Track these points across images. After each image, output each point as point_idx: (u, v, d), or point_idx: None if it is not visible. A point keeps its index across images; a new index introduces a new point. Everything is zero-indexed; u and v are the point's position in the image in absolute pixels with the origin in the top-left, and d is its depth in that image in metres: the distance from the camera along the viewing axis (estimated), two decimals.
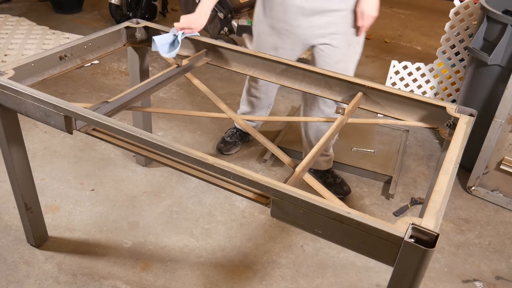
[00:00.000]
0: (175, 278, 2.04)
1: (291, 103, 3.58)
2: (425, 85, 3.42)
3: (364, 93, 1.84)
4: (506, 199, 2.62)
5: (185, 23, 1.98)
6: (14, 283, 1.95)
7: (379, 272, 2.15)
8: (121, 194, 2.51)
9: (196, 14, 2.02)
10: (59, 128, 1.60)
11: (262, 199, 1.38)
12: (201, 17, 2.02)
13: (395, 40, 5.15)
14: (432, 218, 1.16)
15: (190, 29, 2.01)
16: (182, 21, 1.98)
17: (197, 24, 2.01)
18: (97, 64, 3.96)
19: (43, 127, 2.99)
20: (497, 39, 2.47)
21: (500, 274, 2.21)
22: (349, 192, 2.61)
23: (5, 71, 1.69)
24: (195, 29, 2.02)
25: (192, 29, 2.01)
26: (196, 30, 2.02)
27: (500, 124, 2.47)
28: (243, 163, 2.84)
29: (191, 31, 2.02)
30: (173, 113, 2.01)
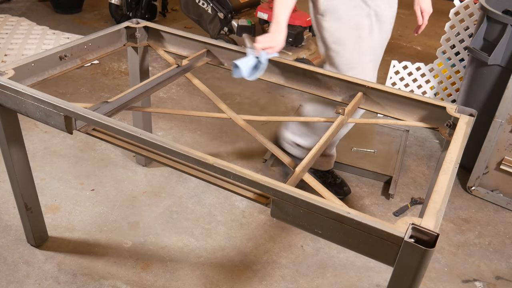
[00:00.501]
0: (175, 278, 2.04)
1: (291, 103, 3.58)
2: (425, 85, 3.42)
3: (364, 93, 1.84)
4: (506, 199, 2.62)
5: (265, 42, 1.81)
6: (14, 283, 1.95)
7: (379, 272, 2.15)
8: (121, 194, 2.51)
9: (274, 32, 1.85)
10: (59, 128, 1.60)
11: (262, 199, 1.38)
12: (280, 34, 1.85)
13: (395, 40, 5.15)
14: (432, 218, 1.16)
15: (271, 47, 1.85)
16: (261, 41, 1.82)
17: (278, 42, 1.84)
18: (97, 64, 3.96)
19: (43, 127, 2.99)
20: (497, 39, 2.47)
21: (500, 274, 2.21)
22: (349, 192, 2.61)
23: (5, 71, 1.69)
24: (276, 47, 1.85)
25: (273, 47, 1.84)
26: (277, 48, 1.85)
27: (500, 124, 2.47)
28: (243, 163, 2.84)
29: (273, 51, 1.86)
30: (173, 113, 2.01)
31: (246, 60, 1.83)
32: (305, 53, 3.84)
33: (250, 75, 1.85)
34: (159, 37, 2.23)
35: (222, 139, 3.07)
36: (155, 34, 2.23)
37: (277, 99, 3.63)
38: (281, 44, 1.85)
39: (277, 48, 1.85)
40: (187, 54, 2.19)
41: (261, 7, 4.00)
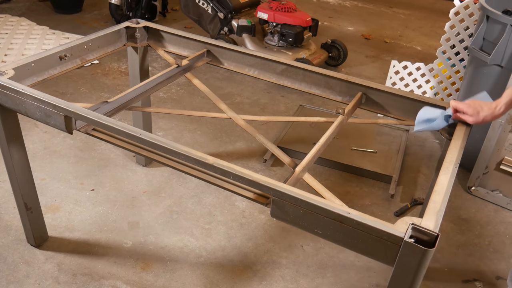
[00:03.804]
0: (175, 278, 2.04)
1: (291, 103, 3.58)
2: (425, 85, 3.42)
3: (364, 93, 1.84)
4: (506, 199, 2.62)
5: (466, 107, 1.53)
6: (14, 283, 1.95)
7: (379, 272, 2.15)
8: (121, 194, 2.51)
9: (490, 106, 1.52)
10: (59, 128, 1.60)
11: (262, 199, 1.38)
12: (491, 109, 1.51)
13: (395, 40, 5.15)
14: (432, 218, 1.16)
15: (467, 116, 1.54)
16: (465, 102, 1.54)
17: (479, 114, 1.52)
18: (97, 64, 3.96)
19: (43, 127, 2.99)
20: (497, 39, 2.47)
21: (500, 274, 2.21)
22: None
23: (5, 71, 1.69)
24: (471, 118, 1.54)
25: (470, 118, 1.54)
26: (473, 120, 1.54)
27: (500, 124, 2.47)
28: (243, 163, 2.84)
29: (466, 119, 1.55)
30: (173, 113, 2.01)
31: (432, 111, 1.62)
32: (305, 53, 3.85)
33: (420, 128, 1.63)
34: (159, 37, 2.23)
35: (222, 139, 3.07)
36: (155, 34, 2.23)
37: (277, 99, 3.63)
38: (479, 121, 1.53)
39: (471, 120, 1.54)
40: (187, 54, 2.19)
41: (261, 7, 4.00)
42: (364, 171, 2.79)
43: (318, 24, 4.19)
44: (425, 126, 1.62)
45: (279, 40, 3.92)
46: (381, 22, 5.70)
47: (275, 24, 3.91)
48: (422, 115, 1.62)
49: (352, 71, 4.26)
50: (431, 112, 1.61)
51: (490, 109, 1.51)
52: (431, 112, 1.61)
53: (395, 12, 6.16)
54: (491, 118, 1.53)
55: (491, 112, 1.51)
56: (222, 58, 2.13)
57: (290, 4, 3.99)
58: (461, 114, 1.56)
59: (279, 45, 3.94)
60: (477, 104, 1.54)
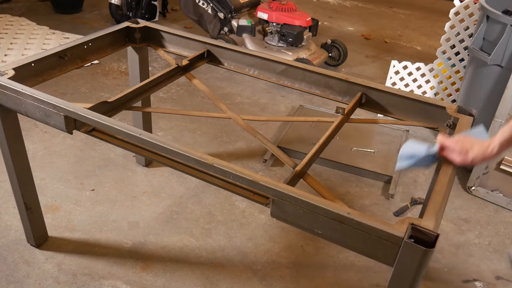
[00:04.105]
0: (175, 278, 2.04)
1: (291, 103, 3.58)
2: (425, 85, 3.42)
3: (364, 93, 1.84)
4: (506, 199, 2.62)
5: (453, 144, 1.33)
6: (14, 283, 1.95)
7: (379, 272, 2.15)
8: (121, 194, 2.51)
9: (482, 144, 1.31)
10: (59, 128, 1.60)
11: (262, 199, 1.38)
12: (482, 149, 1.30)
13: (395, 40, 5.15)
14: (432, 218, 1.16)
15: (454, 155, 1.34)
16: (453, 139, 1.35)
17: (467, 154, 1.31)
18: (97, 64, 3.96)
19: (43, 127, 2.99)
20: (497, 39, 2.47)
21: (500, 274, 2.21)
22: None
23: (5, 71, 1.69)
24: (459, 158, 1.33)
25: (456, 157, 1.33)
26: (460, 161, 1.33)
27: (500, 124, 2.47)
28: (243, 163, 2.84)
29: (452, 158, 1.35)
30: (173, 113, 2.01)
31: (415, 146, 1.42)
32: (305, 53, 3.85)
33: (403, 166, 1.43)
34: (159, 37, 2.23)
35: (222, 139, 3.07)
36: (155, 34, 2.23)
37: (277, 99, 3.63)
38: (468, 161, 1.32)
39: (458, 160, 1.34)
40: (187, 54, 2.19)
41: (261, 7, 4.00)
42: (364, 171, 2.79)
43: (318, 24, 4.19)
44: (408, 164, 1.41)
45: (279, 40, 3.92)
46: (381, 22, 5.70)
47: (275, 24, 3.91)
48: (406, 151, 1.41)
49: (352, 71, 4.26)
50: (416, 147, 1.41)
51: (481, 149, 1.29)
52: (415, 147, 1.41)
53: (395, 12, 6.16)
54: (481, 160, 1.31)
55: (481, 152, 1.29)
56: (222, 58, 2.13)
57: (290, 4, 3.99)
58: (449, 152, 1.35)
59: (279, 45, 3.94)
60: (467, 141, 1.32)
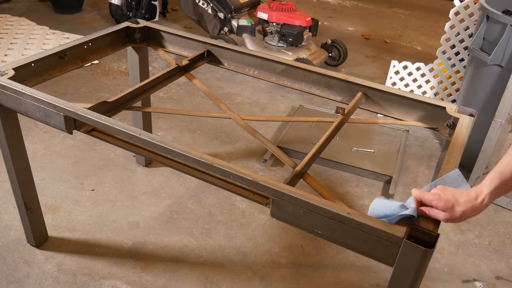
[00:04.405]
0: (175, 278, 2.04)
1: (291, 103, 3.58)
2: (425, 85, 3.42)
3: (364, 93, 1.84)
4: (506, 199, 2.62)
5: (435, 200, 1.11)
6: (14, 283, 1.95)
7: (379, 272, 2.15)
8: (121, 194, 2.51)
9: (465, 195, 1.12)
10: (59, 128, 1.60)
11: (262, 199, 1.38)
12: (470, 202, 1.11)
13: (395, 40, 5.15)
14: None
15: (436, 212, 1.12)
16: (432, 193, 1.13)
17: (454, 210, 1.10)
18: (97, 64, 3.96)
19: (43, 127, 2.99)
20: (497, 39, 2.47)
21: (500, 274, 2.21)
22: None
23: (5, 71, 1.69)
24: (443, 214, 1.11)
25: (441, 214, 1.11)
26: (446, 217, 1.11)
27: (500, 124, 2.47)
28: (243, 163, 2.84)
29: (436, 215, 1.12)
30: (173, 113, 2.01)
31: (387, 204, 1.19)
32: (305, 53, 3.85)
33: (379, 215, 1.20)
34: (159, 37, 2.23)
35: (222, 139, 3.07)
36: (155, 34, 2.23)
37: (277, 99, 3.63)
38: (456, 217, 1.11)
39: (443, 217, 1.12)
40: (187, 54, 2.19)
41: (261, 7, 4.00)
42: (364, 171, 2.79)
43: (318, 24, 4.19)
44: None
45: (279, 40, 3.92)
46: (381, 22, 5.70)
47: (275, 24, 3.91)
48: (375, 212, 1.20)
49: (352, 71, 4.26)
50: (387, 206, 1.19)
51: (469, 202, 1.10)
52: (387, 206, 1.19)
53: (395, 12, 6.16)
54: (471, 214, 1.11)
55: (470, 205, 1.10)
56: (222, 58, 2.13)
57: (290, 4, 3.99)
58: (429, 209, 1.13)
59: (279, 45, 3.94)
60: (450, 194, 1.11)
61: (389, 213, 1.17)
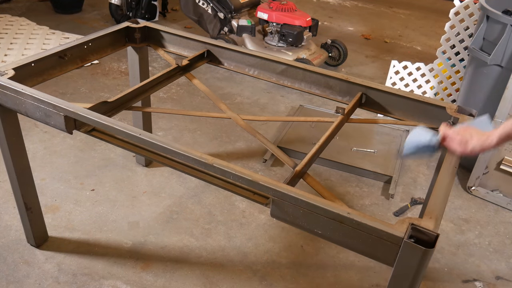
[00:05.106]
0: (175, 278, 2.04)
1: (291, 103, 3.58)
2: (425, 85, 3.42)
3: (364, 93, 1.84)
4: (506, 199, 2.62)
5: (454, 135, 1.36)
6: (14, 283, 1.95)
7: (379, 272, 2.15)
8: (121, 194, 2.51)
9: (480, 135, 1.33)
10: (59, 128, 1.60)
11: (262, 199, 1.38)
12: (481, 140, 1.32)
13: (395, 40, 5.15)
14: (432, 218, 1.16)
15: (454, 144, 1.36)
16: (454, 129, 1.37)
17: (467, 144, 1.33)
18: (97, 64, 3.96)
19: (43, 127, 2.99)
20: (497, 39, 2.47)
21: (500, 274, 2.21)
22: None
23: (5, 71, 1.69)
24: (459, 148, 1.35)
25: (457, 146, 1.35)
26: (460, 150, 1.35)
27: (500, 124, 2.47)
28: (243, 163, 2.84)
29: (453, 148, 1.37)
30: (173, 113, 2.01)
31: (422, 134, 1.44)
32: (305, 53, 3.85)
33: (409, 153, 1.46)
34: (159, 37, 2.23)
35: (222, 139, 3.07)
36: (155, 34, 2.23)
37: (277, 99, 3.63)
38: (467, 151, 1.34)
39: (458, 150, 1.36)
40: (187, 54, 2.19)
41: (261, 7, 4.00)
42: (364, 171, 2.79)
43: (318, 24, 4.19)
44: (411, 151, 1.44)
45: (279, 40, 3.92)
46: (381, 22, 5.70)
47: (275, 24, 3.91)
48: (411, 139, 1.43)
49: (352, 71, 4.26)
50: (421, 136, 1.43)
51: (480, 140, 1.31)
52: (420, 136, 1.43)
53: (395, 12, 6.16)
54: (479, 150, 1.33)
55: (480, 143, 1.31)
56: (222, 58, 2.13)
57: (290, 4, 3.99)
58: (450, 142, 1.37)
59: (279, 45, 3.94)
60: (468, 132, 1.34)
61: (421, 141, 1.43)
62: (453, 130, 1.37)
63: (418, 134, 1.45)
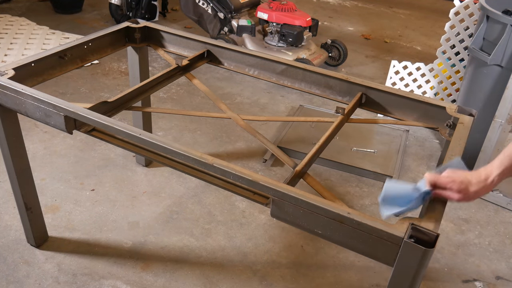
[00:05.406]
0: (175, 278, 2.04)
1: (291, 103, 3.58)
2: (425, 85, 3.42)
3: (364, 93, 1.84)
4: (506, 199, 2.62)
5: (449, 182, 1.18)
6: (14, 283, 1.95)
7: (379, 272, 2.15)
8: (121, 194, 2.51)
9: (476, 176, 1.20)
10: (59, 128, 1.60)
11: (262, 199, 1.38)
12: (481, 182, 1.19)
13: (395, 40, 5.15)
14: (432, 218, 1.16)
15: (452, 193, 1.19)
16: (445, 176, 1.20)
17: (468, 190, 1.18)
18: (97, 64, 3.96)
19: (43, 127, 2.99)
20: (497, 39, 2.47)
21: (500, 274, 2.21)
22: None
23: (5, 71, 1.69)
24: (459, 195, 1.19)
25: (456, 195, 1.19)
26: (461, 198, 1.19)
27: (500, 124, 2.47)
28: (243, 163, 2.84)
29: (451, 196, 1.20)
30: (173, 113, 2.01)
31: (401, 188, 1.24)
32: (305, 53, 3.85)
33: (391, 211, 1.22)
34: (159, 37, 2.23)
35: (222, 139, 3.07)
36: (155, 34, 2.23)
37: (277, 99, 3.63)
38: (470, 198, 1.20)
39: (459, 198, 1.20)
40: (187, 54, 2.19)
41: (261, 7, 4.00)
42: (364, 171, 2.79)
43: (318, 24, 4.19)
44: (398, 209, 1.21)
45: (279, 40, 3.92)
46: (381, 22, 5.70)
47: (275, 24, 3.91)
48: (387, 195, 1.23)
49: (352, 71, 4.26)
50: (399, 189, 1.23)
51: (480, 183, 1.19)
52: (399, 189, 1.23)
53: (395, 12, 6.16)
54: (483, 193, 1.20)
55: (482, 186, 1.18)
56: (222, 58, 2.13)
57: (290, 4, 3.99)
58: (444, 191, 1.20)
59: (279, 45, 3.94)
60: (462, 177, 1.19)
61: (402, 195, 1.21)
62: (445, 177, 1.19)
63: (395, 187, 1.23)
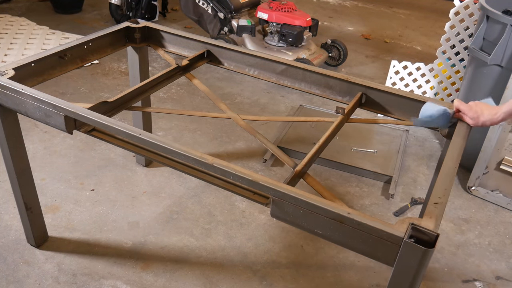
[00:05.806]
0: (175, 278, 2.04)
1: (291, 103, 3.58)
2: (425, 85, 3.42)
3: (364, 93, 1.84)
4: (506, 199, 2.62)
5: (467, 109, 1.57)
6: (14, 283, 1.95)
7: (379, 272, 2.15)
8: (121, 194, 2.51)
9: (491, 109, 1.54)
10: (59, 128, 1.60)
11: (262, 199, 1.38)
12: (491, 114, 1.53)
13: (395, 40, 5.15)
14: (432, 218, 1.16)
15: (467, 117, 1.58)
16: (467, 104, 1.59)
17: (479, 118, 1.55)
18: (97, 64, 3.96)
19: (43, 127, 2.99)
20: (497, 39, 2.47)
21: (500, 274, 2.21)
22: None
23: (5, 71, 1.69)
24: (471, 121, 1.58)
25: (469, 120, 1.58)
26: (472, 123, 1.58)
27: (500, 124, 2.47)
28: (243, 163, 2.84)
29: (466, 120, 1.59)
30: (173, 113, 2.01)
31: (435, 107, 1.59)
32: (305, 53, 3.85)
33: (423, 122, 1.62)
34: (159, 37, 2.23)
35: (222, 139, 3.07)
36: (155, 34, 2.23)
37: (277, 99, 3.63)
38: (479, 124, 1.57)
39: (471, 123, 1.58)
40: (187, 54, 2.19)
41: (261, 7, 4.00)
42: (364, 171, 2.79)
43: (318, 24, 4.19)
44: (426, 121, 1.61)
45: (279, 40, 3.92)
46: (381, 22, 5.70)
47: (275, 24, 3.91)
48: (425, 111, 1.60)
49: (352, 71, 4.26)
50: (434, 108, 1.60)
51: (490, 115, 1.53)
52: (434, 108, 1.60)
53: (395, 12, 6.16)
54: (489, 124, 1.55)
55: (490, 117, 1.53)
56: (222, 58, 2.13)
57: (290, 4, 3.99)
58: (462, 115, 1.59)
59: (279, 45, 3.94)
60: (479, 107, 1.56)
61: (435, 113, 1.57)
62: (466, 105, 1.57)
63: (433, 105, 1.60)
